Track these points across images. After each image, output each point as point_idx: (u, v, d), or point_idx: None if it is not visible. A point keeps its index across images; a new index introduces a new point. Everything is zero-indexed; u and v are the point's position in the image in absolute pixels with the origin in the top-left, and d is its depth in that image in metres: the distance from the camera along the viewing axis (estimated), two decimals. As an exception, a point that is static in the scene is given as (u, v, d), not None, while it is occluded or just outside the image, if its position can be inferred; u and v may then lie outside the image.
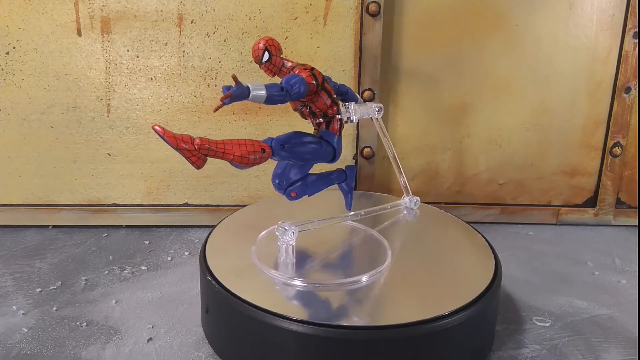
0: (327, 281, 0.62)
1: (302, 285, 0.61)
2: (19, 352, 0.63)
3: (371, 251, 0.69)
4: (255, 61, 0.65)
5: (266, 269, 0.64)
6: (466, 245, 0.73)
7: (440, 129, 0.97)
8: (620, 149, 0.98)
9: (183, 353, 0.64)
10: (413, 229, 0.77)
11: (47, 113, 0.90)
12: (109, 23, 0.86)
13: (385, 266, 0.65)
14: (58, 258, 0.85)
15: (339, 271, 0.65)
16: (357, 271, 0.63)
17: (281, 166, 0.67)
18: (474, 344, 0.62)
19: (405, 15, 0.91)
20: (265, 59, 0.64)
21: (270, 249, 0.68)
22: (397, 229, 0.76)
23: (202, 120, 0.92)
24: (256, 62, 0.65)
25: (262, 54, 0.63)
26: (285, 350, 0.57)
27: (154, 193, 0.95)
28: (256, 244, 0.70)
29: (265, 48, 0.63)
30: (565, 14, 0.92)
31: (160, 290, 0.77)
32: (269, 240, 0.71)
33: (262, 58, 0.64)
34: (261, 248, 0.69)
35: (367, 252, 0.69)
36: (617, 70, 0.94)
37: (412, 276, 0.64)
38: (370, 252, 0.69)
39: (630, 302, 0.77)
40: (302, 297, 0.60)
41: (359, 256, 0.70)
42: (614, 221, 1.02)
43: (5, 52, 0.87)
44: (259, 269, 0.64)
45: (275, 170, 0.68)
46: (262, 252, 0.67)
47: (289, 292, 0.61)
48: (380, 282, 0.63)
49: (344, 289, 0.61)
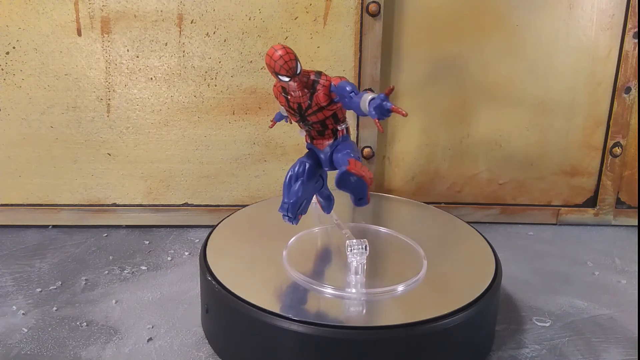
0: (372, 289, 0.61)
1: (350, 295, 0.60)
2: (19, 352, 0.63)
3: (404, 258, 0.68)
4: (287, 74, 0.56)
5: (298, 275, 0.63)
6: (466, 245, 0.73)
7: (440, 129, 0.97)
8: (620, 149, 0.98)
9: (183, 353, 0.64)
10: (413, 229, 0.77)
11: (47, 113, 0.90)
12: (109, 23, 0.86)
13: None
14: (58, 258, 0.85)
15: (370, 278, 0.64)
16: (390, 280, 0.62)
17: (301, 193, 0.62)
18: (474, 344, 0.62)
19: (405, 15, 0.91)
20: (299, 70, 0.57)
21: (301, 255, 0.68)
22: (397, 229, 0.76)
23: (202, 120, 0.92)
24: (288, 75, 0.56)
25: (296, 65, 0.56)
26: (285, 350, 0.57)
27: (154, 193, 0.95)
28: (287, 249, 0.69)
29: (296, 57, 0.56)
30: (565, 14, 0.92)
31: (160, 290, 0.77)
32: (300, 244, 0.71)
33: (297, 69, 0.56)
34: (293, 252, 0.68)
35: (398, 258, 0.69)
36: (617, 70, 0.94)
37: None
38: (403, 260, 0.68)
39: (630, 302, 0.77)
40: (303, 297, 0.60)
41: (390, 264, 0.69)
42: (614, 221, 1.02)
43: (5, 52, 0.87)
44: (290, 274, 0.64)
45: (301, 197, 0.62)
46: (293, 259, 0.67)
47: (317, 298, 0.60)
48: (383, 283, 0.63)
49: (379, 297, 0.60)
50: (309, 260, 0.68)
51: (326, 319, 0.56)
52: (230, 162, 0.94)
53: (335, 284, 0.61)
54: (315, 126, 0.63)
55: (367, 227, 0.75)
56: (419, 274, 0.64)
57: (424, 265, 0.65)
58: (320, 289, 0.61)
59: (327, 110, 0.61)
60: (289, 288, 0.62)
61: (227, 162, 0.94)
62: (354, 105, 0.57)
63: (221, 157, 0.94)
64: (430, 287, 0.62)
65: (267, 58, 0.57)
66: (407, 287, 0.62)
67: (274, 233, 0.74)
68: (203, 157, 0.94)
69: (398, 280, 0.62)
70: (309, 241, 0.72)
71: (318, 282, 0.61)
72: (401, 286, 0.61)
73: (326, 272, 0.66)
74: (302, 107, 0.61)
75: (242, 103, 0.91)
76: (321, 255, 0.70)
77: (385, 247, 0.71)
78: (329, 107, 0.61)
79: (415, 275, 0.63)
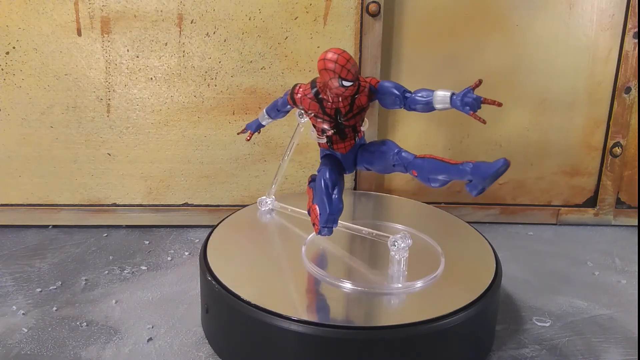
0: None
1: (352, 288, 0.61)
2: (19, 352, 0.63)
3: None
4: (353, 79, 0.56)
5: (318, 270, 0.64)
6: (466, 245, 0.73)
7: (440, 129, 0.97)
8: (620, 149, 0.97)
9: (183, 353, 0.64)
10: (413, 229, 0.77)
11: (47, 113, 0.90)
12: (109, 23, 0.86)
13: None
14: (58, 258, 0.85)
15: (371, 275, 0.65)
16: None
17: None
18: (474, 344, 0.62)
19: (405, 15, 0.91)
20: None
21: (321, 250, 0.69)
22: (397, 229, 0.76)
23: (202, 120, 0.92)
24: (353, 79, 0.56)
25: (358, 68, 0.57)
26: (285, 350, 0.57)
27: (154, 193, 0.95)
28: (306, 244, 0.69)
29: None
30: (565, 14, 0.92)
31: (160, 290, 0.77)
32: (317, 241, 0.71)
33: (359, 72, 0.57)
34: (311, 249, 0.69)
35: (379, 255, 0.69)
36: (617, 70, 0.94)
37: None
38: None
39: (630, 302, 0.77)
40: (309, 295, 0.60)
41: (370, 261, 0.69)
42: (614, 221, 1.02)
43: (5, 52, 0.87)
44: (309, 269, 0.65)
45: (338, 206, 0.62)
46: (312, 254, 0.68)
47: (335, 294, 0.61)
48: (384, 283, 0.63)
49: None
50: (328, 257, 0.69)
51: (326, 319, 0.56)
52: (230, 162, 0.94)
53: (358, 280, 0.62)
54: (347, 130, 0.63)
55: (380, 224, 0.75)
56: (438, 270, 0.64)
57: (441, 262, 0.66)
58: (339, 284, 0.62)
59: (363, 112, 0.62)
60: (289, 288, 0.62)
61: (227, 162, 0.94)
62: (417, 102, 0.58)
63: (221, 157, 0.94)
64: (431, 287, 0.62)
65: (330, 63, 0.56)
66: (425, 283, 0.62)
67: (274, 233, 0.74)
68: (203, 157, 0.94)
69: (417, 277, 0.63)
70: (324, 240, 0.71)
71: (337, 278, 0.62)
72: (420, 282, 0.62)
73: (346, 269, 0.66)
74: (342, 112, 0.61)
75: (242, 103, 0.91)
76: (338, 252, 0.70)
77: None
78: (365, 109, 0.62)
79: (434, 272, 0.64)
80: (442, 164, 0.56)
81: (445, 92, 0.56)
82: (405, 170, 0.60)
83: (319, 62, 0.57)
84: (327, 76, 0.56)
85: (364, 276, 0.64)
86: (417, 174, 0.58)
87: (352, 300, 0.60)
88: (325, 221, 0.61)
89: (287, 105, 0.67)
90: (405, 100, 0.59)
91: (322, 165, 0.64)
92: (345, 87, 0.57)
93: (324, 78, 0.57)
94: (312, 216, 0.64)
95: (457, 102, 0.55)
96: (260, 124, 0.75)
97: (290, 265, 0.66)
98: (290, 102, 0.65)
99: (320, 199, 0.61)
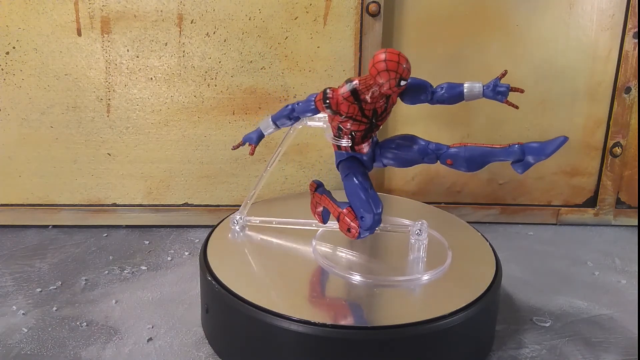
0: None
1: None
2: (19, 352, 0.63)
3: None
4: (408, 77, 0.57)
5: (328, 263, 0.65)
6: (466, 245, 0.73)
7: (440, 129, 0.97)
8: (620, 149, 0.97)
9: (183, 353, 0.64)
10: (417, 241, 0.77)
11: (47, 113, 0.90)
12: (109, 23, 0.86)
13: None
14: (58, 258, 0.85)
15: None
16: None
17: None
18: (474, 344, 0.62)
19: (405, 15, 0.91)
20: None
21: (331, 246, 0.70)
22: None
23: (202, 120, 0.92)
24: (408, 78, 0.57)
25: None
26: (285, 350, 0.57)
27: (154, 193, 0.95)
28: (316, 238, 0.70)
29: None
30: (565, 14, 0.92)
31: (160, 290, 0.77)
32: (328, 236, 0.71)
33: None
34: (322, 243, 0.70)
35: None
36: (617, 70, 0.94)
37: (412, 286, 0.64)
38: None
39: (630, 302, 0.77)
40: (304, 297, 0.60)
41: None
42: (614, 221, 1.02)
43: (5, 52, 0.87)
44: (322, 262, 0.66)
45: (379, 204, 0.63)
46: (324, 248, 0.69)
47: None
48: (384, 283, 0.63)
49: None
50: (337, 250, 0.69)
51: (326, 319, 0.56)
52: (230, 162, 0.94)
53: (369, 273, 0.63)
54: (375, 130, 0.63)
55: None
56: (445, 263, 0.66)
57: (449, 256, 0.67)
58: (348, 276, 0.63)
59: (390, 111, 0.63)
60: (289, 288, 0.62)
61: (227, 162, 0.94)
62: (446, 94, 0.62)
63: (221, 157, 0.94)
64: (431, 287, 0.62)
65: (392, 64, 0.56)
66: (407, 286, 0.62)
67: (273, 233, 0.74)
68: (203, 157, 0.94)
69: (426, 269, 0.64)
70: (333, 236, 0.72)
71: (345, 270, 0.64)
72: (427, 275, 0.64)
73: (355, 263, 0.67)
74: (378, 112, 0.61)
75: (242, 103, 0.91)
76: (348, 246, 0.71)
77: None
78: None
79: (441, 265, 0.65)
80: (486, 149, 0.60)
81: (474, 83, 0.62)
82: (435, 161, 0.62)
83: (378, 63, 0.56)
84: (386, 77, 0.56)
85: (373, 269, 0.65)
86: (452, 162, 0.61)
87: (352, 300, 0.60)
88: (372, 222, 0.61)
89: (308, 112, 0.64)
90: (434, 93, 0.63)
91: (347, 169, 0.63)
92: (401, 87, 0.57)
93: (382, 79, 0.56)
94: (343, 224, 0.63)
95: (490, 93, 0.62)
96: (262, 135, 0.70)
97: (291, 265, 0.66)
98: (321, 107, 0.61)
99: (362, 201, 0.61)
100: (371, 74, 0.56)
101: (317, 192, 0.70)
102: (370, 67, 0.56)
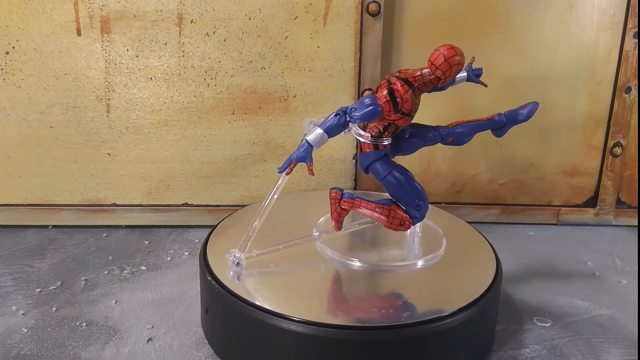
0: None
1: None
2: (19, 352, 0.63)
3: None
4: (460, 70, 0.62)
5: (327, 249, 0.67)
6: (466, 245, 0.73)
7: (440, 129, 0.97)
8: (620, 148, 0.97)
9: (183, 353, 0.64)
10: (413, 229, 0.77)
11: (47, 113, 0.90)
12: (109, 23, 0.86)
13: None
14: (58, 258, 0.85)
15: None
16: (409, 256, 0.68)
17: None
18: (474, 344, 0.62)
19: (405, 15, 0.91)
20: None
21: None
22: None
23: (201, 120, 0.92)
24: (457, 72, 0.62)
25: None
26: (285, 350, 0.57)
27: (153, 193, 0.95)
28: (317, 227, 0.71)
29: None
30: (565, 14, 0.92)
31: (160, 290, 0.77)
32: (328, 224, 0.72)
33: None
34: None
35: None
36: (618, 70, 0.94)
37: (412, 276, 0.64)
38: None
39: (630, 302, 0.77)
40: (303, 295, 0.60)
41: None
42: (615, 221, 1.02)
43: (5, 52, 0.87)
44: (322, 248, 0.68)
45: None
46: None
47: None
48: (384, 283, 0.63)
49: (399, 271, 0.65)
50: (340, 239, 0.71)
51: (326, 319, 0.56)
52: (230, 162, 0.94)
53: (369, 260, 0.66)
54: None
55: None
56: (440, 249, 0.69)
57: (443, 243, 0.70)
58: (348, 262, 0.65)
59: None
60: (289, 288, 0.62)
61: (227, 162, 0.94)
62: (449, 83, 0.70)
63: (221, 157, 0.94)
64: (431, 286, 0.62)
65: (460, 57, 0.60)
66: (407, 287, 0.62)
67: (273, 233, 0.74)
68: (203, 157, 0.94)
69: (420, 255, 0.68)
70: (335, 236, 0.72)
71: (347, 257, 0.66)
72: (421, 261, 0.66)
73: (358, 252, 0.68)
74: (416, 107, 0.62)
75: (242, 103, 0.91)
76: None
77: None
78: None
79: (437, 251, 0.68)
80: (477, 123, 0.68)
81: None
82: (439, 141, 0.67)
83: (450, 58, 0.59)
84: (456, 70, 0.60)
85: (374, 258, 0.67)
86: (452, 139, 0.67)
87: (353, 299, 0.60)
88: (427, 209, 0.64)
89: (373, 116, 0.59)
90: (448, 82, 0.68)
91: (389, 166, 0.63)
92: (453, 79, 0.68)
93: (451, 73, 0.60)
94: (395, 219, 0.63)
95: (472, 75, 0.72)
96: (312, 150, 0.63)
97: (291, 265, 0.66)
98: (388, 109, 0.59)
99: (418, 191, 0.64)
100: (441, 68, 0.59)
101: (345, 198, 0.66)
102: (441, 62, 0.60)
